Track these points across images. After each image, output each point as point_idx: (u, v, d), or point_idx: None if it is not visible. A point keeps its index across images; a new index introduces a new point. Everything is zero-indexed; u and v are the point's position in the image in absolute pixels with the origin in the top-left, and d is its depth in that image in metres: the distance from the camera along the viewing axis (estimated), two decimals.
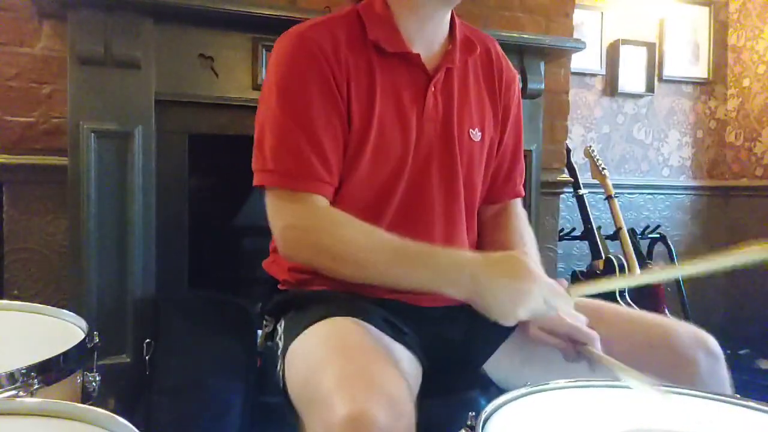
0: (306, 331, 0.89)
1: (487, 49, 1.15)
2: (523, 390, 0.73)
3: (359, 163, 1.00)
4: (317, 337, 0.87)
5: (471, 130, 1.08)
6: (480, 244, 1.15)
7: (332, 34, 0.99)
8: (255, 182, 0.99)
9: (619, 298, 2.21)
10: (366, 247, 0.91)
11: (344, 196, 1.00)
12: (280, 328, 1.00)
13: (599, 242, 2.40)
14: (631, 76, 2.92)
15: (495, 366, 1.07)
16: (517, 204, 1.21)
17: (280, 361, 0.95)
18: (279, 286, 1.10)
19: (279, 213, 0.97)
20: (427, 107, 1.03)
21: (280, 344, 0.96)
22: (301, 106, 0.96)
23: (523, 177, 1.22)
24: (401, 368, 0.83)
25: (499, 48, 1.18)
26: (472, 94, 1.10)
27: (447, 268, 0.88)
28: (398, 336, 0.93)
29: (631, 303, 2.20)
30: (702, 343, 0.95)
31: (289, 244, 0.97)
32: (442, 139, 1.05)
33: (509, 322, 0.85)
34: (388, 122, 1.01)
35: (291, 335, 0.92)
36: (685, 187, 3.11)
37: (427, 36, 1.06)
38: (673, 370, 0.91)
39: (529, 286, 0.84)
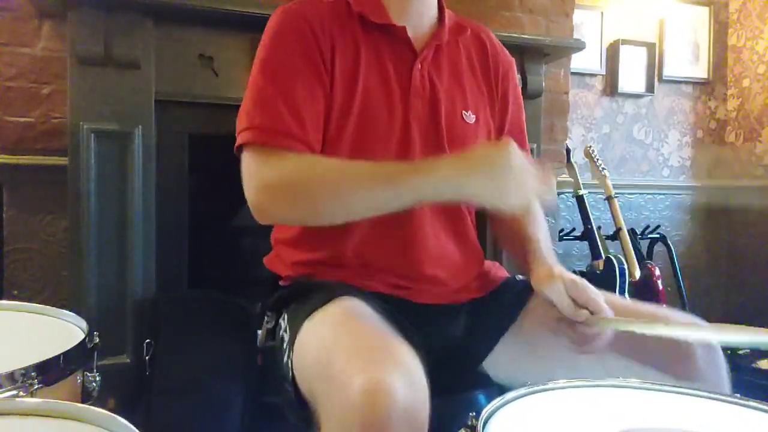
0: (312, 316, 0.88)
1: (478, 35, 1.16)
2: (523, 390, 0.73)
3: (344, 135, 1.00)
4: (324, 319, 0.86)
5: (464, 111, 1.08)
6: (494, 226, 1.21)
7: (318, 9, 1.03)
8: (236, 144, 0.96)
9: (618, 297, 2.20)
10: (344, 174, 0.90)
11: None
12: (284, 322, 0.99)
13: (599, 242, 2.40)
14: (631, 76, 2.91)
15: (493, 363, 1.07)
16: None
17: (286, 353, 0.93)
18: (281, 282, 1.10)
19: (254, 171, 0.93)
20: (414, 84, 1.04)
21: (286, 337, 0.95)
22: (281, 73, 0.97)
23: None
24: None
25: (493, 36, 1.19)
26: (466, 78, 1.11)
27: (429, 181, 0.85)
28: (398, 327, 0.93)
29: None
30: None
31: (263, 200, 0.92)
32: (429, 117, 1.05)
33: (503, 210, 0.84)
34: (373, 95, 1.02)
35: (297, 324, 0.91)
36: (685, 187, 3.11)
37: (412, 13, 1.07)
38: (670, 360, 0.92)
39: (513, 184, 0.82)
